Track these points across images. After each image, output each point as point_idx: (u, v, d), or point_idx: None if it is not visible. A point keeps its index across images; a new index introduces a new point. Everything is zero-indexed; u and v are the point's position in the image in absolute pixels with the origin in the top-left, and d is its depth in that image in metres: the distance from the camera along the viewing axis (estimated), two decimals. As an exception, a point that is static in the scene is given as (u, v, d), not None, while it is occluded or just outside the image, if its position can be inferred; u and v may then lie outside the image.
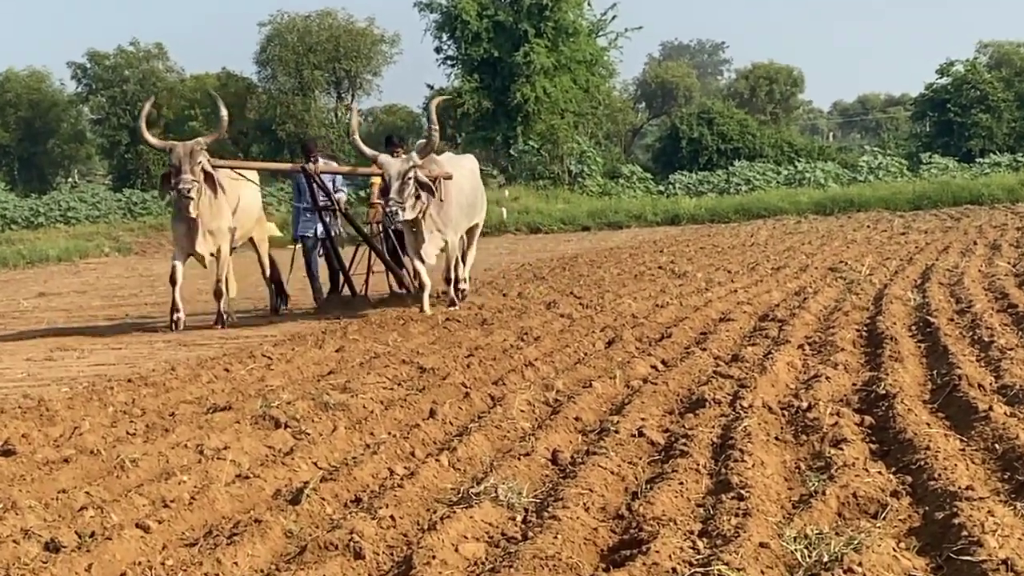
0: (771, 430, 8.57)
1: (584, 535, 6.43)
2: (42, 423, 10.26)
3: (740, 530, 6.10)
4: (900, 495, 6.82)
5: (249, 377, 12.32)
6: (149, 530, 6.85)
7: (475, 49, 56.47)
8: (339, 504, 7.41)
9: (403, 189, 16.67)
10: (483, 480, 7.50)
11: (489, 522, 6.71)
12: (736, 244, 31.17)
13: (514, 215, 46.48)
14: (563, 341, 13.87)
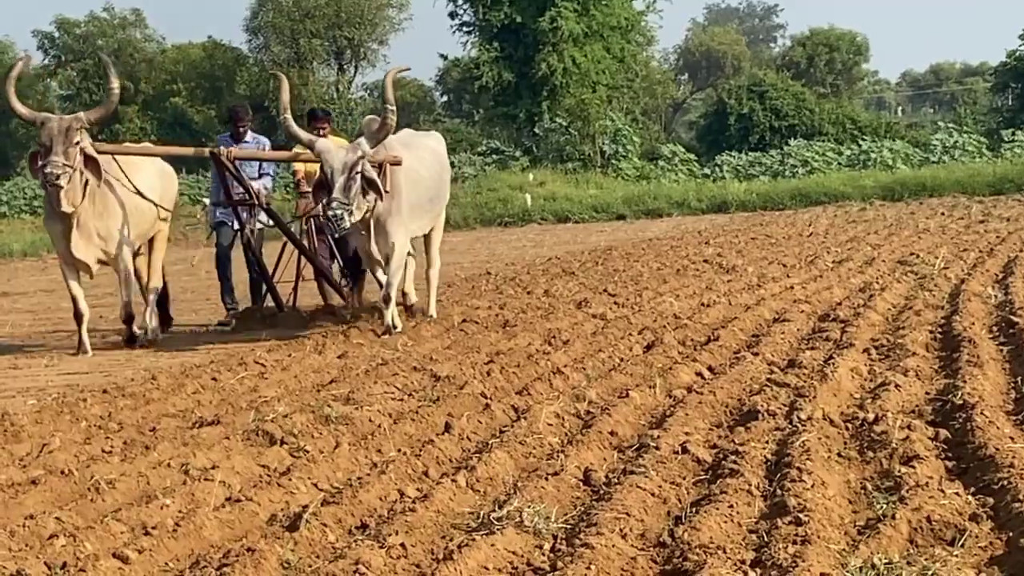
0: (833, 445, 8.57)
1: (621, 565, 6.45)
2: (6, 440, 10.30)
3: (798, 559, 6.11)
4: (980, 519, 6.82)
5: (240, 387, 12.35)
6: (128, 560, 6.87)
7: (495, 14, 56.60)
8: (343, 531, 7.43)
9: (349, 186, 14.31)
10: (506, 503, 7.51)
11: (513, 551, 6.73)
12: (792, 234, 31.17)
13: (539, 202, 46.59)
14: (596, 345, 13.88)
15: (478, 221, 45.24)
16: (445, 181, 17.25)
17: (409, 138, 16.96)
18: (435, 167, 16.74)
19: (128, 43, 71.33)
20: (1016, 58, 63.31)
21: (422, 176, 15.98)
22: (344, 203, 14.04)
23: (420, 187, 15.86)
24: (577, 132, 56.11)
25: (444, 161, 17.33)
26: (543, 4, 55.84)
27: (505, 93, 57.68)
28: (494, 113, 59.26)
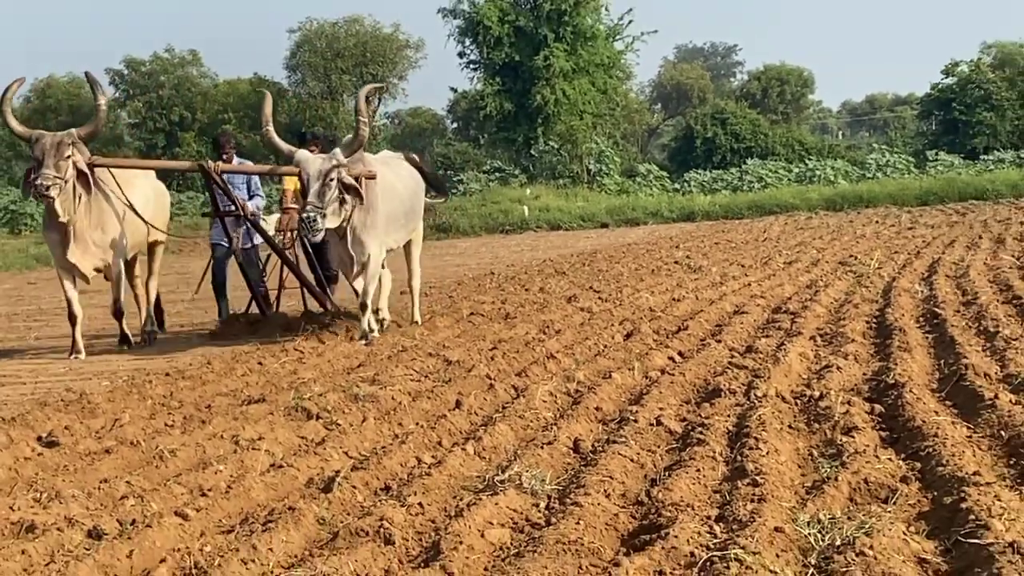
0: (784, 419, 8.56)
1: (605, 520, 6.44)
2: (84, 415, 10.29)
3: (755, 515, 6.10)
4: (909, 481, 6.82)
5: (282, 370, 12.34)
6: (187, 518, 6.86)
7: (497, 53, 56.70)
8: (369, 492, 7.42)
9: (324, 192, 13.20)
10: (507, 468, 7.50)
11: (514, 508, 6.72)
12: (749, 239, 31.18)
13: (535, 213, 46.66)
14: (583, 334, 13.88)
15: (483, 229, 45.25)
16: (420, 198, 15.93)
17: (388, 158, 15.98)
18: (411, 184, 15.46)
19: (186, 79, 71.15)
20: (938, 89, 63.53)
21: (398, 191, 14.81)
22: (318, 207, 13.09)
23: (396, 201, 14.72)
24: (567, 153, 56.27)
25: (420, 180, 15.97)
26: (538, 45, 55.94)
27: (506, 120, 57.74)
28: (496, 137, 59.27)
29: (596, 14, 57.41)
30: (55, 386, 12.50)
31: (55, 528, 6.77)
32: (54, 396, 11.45)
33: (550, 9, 55.70)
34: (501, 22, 56.36)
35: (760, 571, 5.26)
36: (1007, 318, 12.69)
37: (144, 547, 6.36)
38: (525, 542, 6.19)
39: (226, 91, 71.47)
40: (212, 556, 6.17)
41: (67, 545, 6.48)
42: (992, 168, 51.45)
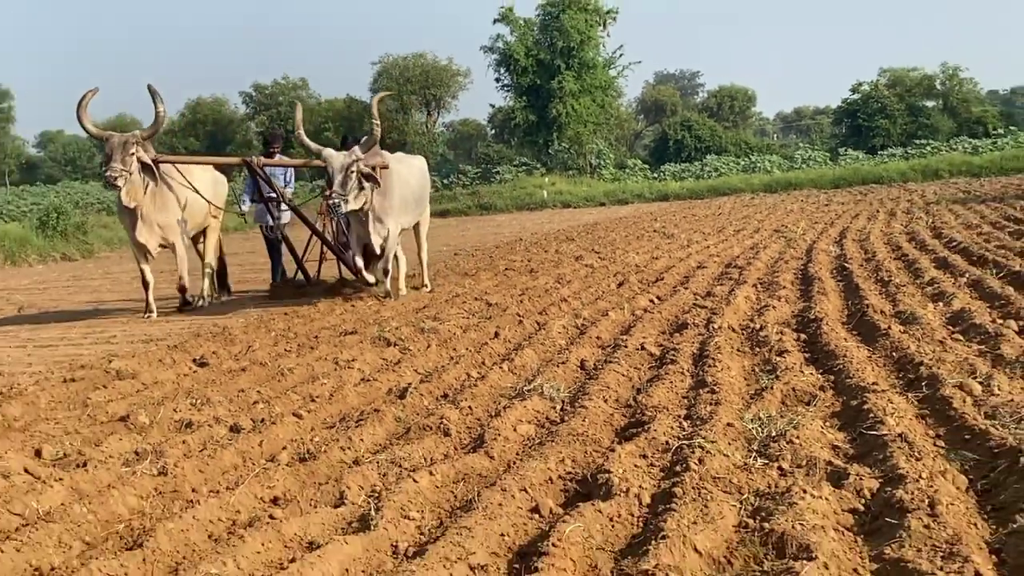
0: (734, 344, 8.56)
1: (604, 419, 6.46)
2: (226, 343, 10.35)
3: (713, 414, 6.11)
4: (825, 389, 6.81)
5: (369, 311, 12.38)
6: (301, 417, 6.91)
7: (523, 79, 56.75)
8: (432, 398, 7.45)
9: (346, 182, 12.48)
10: (532, 381, 7.53)
11: (537, 410, 6.74)
12: (708, 214, 31.05)
13: (552, 195, 46.60)
14: (587, 283, 13.87)
15: (514, 207, 45.16)
16: (425, 189, 14.94)
17: (401, 156, 14.73)
18: (419, 178, 14.52)
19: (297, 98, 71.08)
20: (847, 103, 63.25)
21: (409, 182, 13.94)
22: (341, 194, 12.39)
23: (407, 189, 13.82)
24: (575, 152, 56.19)
25: (425, 176, 14.98)
26: (553, 72, 55.87)
27: (530, 128, 57.72)
28: (523, 140, 59.15)
29: (596, 50, 57.21)
30: (204, 323, 12.56)
31: (207, 424, 6.83)
32: (204, 330, 11.50)
33: (562, 46, 55.70)
34: (526, 56, 56.44)
35: (717, 455, 5.27)
36: (897, 271, 12.65)
37: (270, 438, 6.41)
38: (545, 434, 6.22)
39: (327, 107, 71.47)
40: (319, 444, 6.21)
41: (215, 437, 6.54)
42: (886, 160, 51.18)
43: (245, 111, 73.28)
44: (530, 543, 4.50)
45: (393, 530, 4.67)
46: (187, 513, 4.92)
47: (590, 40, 56.43)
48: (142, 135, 12.95)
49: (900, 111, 61.26)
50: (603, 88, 57.85)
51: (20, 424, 7.27)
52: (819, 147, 59.53)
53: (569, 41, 55.58)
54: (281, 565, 4.34)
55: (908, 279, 11.89)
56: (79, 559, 4.55)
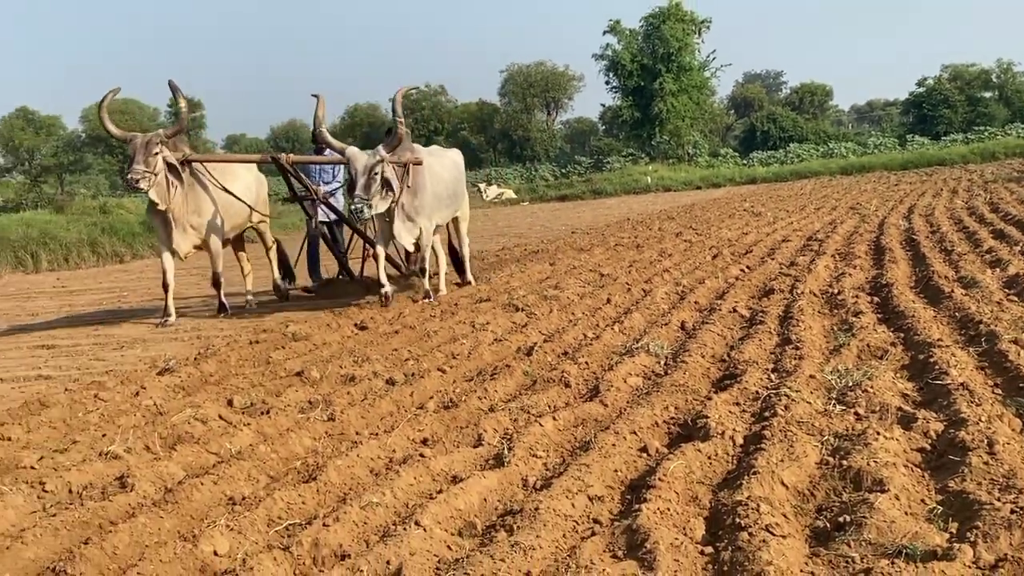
0: (815, 307, 8.43)
1: (701, 372, 6.41)
2: (382, 311, 10.50)
3: (797, 368, 6.04)
4: (896, 345, 6.67)
5: (500, 283, 12.43)
6: (445, 372, 6.98)
7: (629, 81, 56.88)
8: (555, 355, 7.47)
9: (370, 184, 10.35)
10: (639, 340, 7.50)
11: (644, 365, 6.72)
12: (791, 194, 30.54)
13: (655, 181, 46.26)
14: (686, 256, 13.75)
15: (622, 192, 44.83)
16: (461, 183, 12.43)
17: (435, 149, 12.52)
18: (453, 172, 12.13)
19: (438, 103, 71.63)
20: (914, 95, 62.34)
21: (443, 177, 11.70)
22: (364, 198, 10.24)
23: (441, 185, 11.57)
24: (674, 143, 55.89)
25: (460, 169, 12.53)
26: (655, 75, 55.66)
27: (635, 124, 57.65)
28: (630, 134, 58.96)
29: (692, 55, 56.85)
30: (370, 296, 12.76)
31: (366, 378, 6.94)
32: (366, 300, 11.60)
33: (663, 52, 55.53)
34: (632, 61, 56.44)
35: (800, 402, 5.21)
36: (959, 241, 12.33)
37: (420, 389, 6.50)
38: (651, 385, 6.20)
39: (462, 110, 71.95)
40: (460, 395, 6.27)
41: (374, 388, 6.65)
42: (949, 145, 49.98)
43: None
44: (639, 478, 4.50)
45: (523, 466, 4.71)
46: (352, 452, 5.02)
47: (687, 46, 56.25)
48: (166, 134, 11.04)
49: (961, 101, 59.97)
50: (698, 88, 57.48)
51: (215, 379, 7.49)
52: (889, 135, 58.25)
53: (669, 48, 55.45)
54: (430, 495, 4.40)
55: (968, 248, 11.57)
56: (265, 490, 4.68)
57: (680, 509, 4.01)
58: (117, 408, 6.51)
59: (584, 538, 3.81)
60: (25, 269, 22.84)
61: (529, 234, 22.81)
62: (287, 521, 4.21)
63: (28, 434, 5.99)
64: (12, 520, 4.36)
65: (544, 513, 3.93)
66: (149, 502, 4.52)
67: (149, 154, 10.73)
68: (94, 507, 4.39)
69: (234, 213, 11.83)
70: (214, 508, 4.48)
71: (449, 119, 71.28)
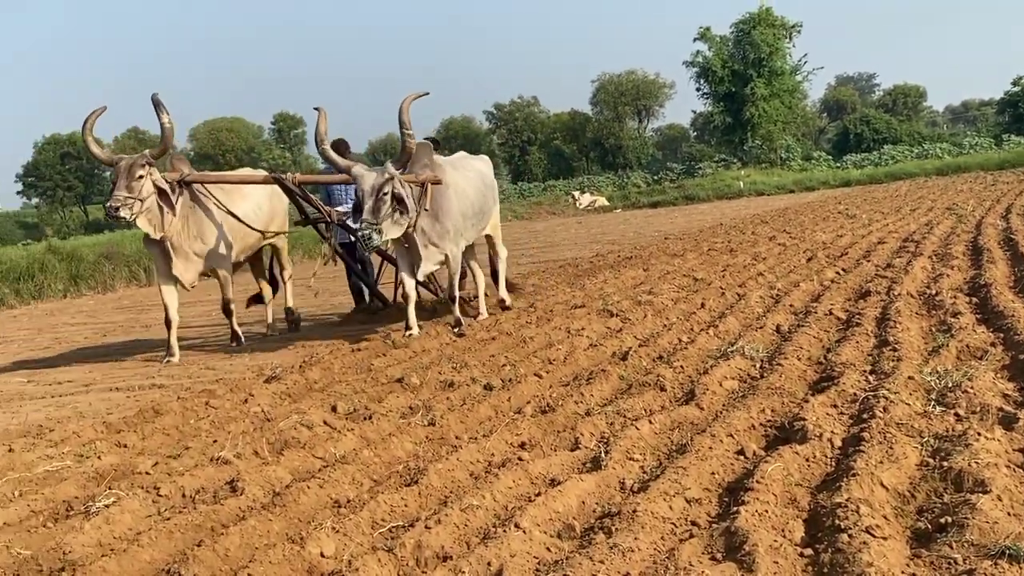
0: (913, 308, 8.24)
1: (797, 375, 6.31)
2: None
3: (895, 369, 5.91)
4: (996, 345, 6.49)
5: (594, 288, 12.40)
6: (541, 377, 6.99)
7: (720, 87, 56.61)
8: (650, 359, 7.42)
9: (378, 207, 8.85)
10: (735, 343, 7.41)
11: (739, 368, 6.64)
12: (886, 196, 29.93)
13: (748, 185, 45.77)
14: (781, 259, 13.56)
15: (714, 197, 44.44)
16: (489, 196, 10.89)
17: (459, 160, 10.93)
18: (479, 184, 10.59)
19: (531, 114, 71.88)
20: (1009, 95, 60.68)
21: (467, 194, 10.18)
22: (372, 223, 8.77)
23: (466, 202, 10.12)
24: (767, 147, 55.33)
25: (488, 179, 11.00)
26: (747, 80, 55.25)
27: (727, 129, 57.31)
28: (721, 140, 58.64)
29: (783, 59, 56.29)
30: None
31: (465, 384, 6.98)
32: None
33: (754, 57, 55.10)
34: (723, 67, 56.13)
35: (899, 404, 5.10)
36: (1061, 240, 11.98)
37: (516, 394, 6.51)
38: (747, 388, 6.12)
39: (554, 120, 72.11)
40: (556, 399, 6.27)
41: (472, 394, 6.68)
42: (1045, 144, 48.89)
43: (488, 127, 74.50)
44: (736, 480, 4.45)
45: (620, 469, 4.69)
46: (452, 456, 5.05)
47: (778, 51, 55.79)
48: (152, 154, 9.73)
49: (1057, 102, 58.31)
50: (790, 92, 56.94)
51: (319, 385, 7.61)
52: (985, 134, 56.86)
53: (759, 53, 55.04)
54: (529, 498, 4.41)
55: (1072, 247, 11.21)
56: (368, 493, 4.73)
57: (778, 511, 3.95)
58: (227, 415, 6.67)
59: (682, 540, 3.78)
60: (139, 282, 23.51)
61: (622, 240, 22.74)
62: (390, 523, 4.25)
63: (143, 441, 6.17)
64: (129, 523, 4.48)
65: (642, 515, 3.91)
66: (258, 505, 4.61)
67: (133, 178, 9.51)
68: (206, 510, 4.48)
69: (245, 234, 10.73)
70: (320, 511, 4.55)
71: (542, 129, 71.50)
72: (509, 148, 71.37)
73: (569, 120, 71.71)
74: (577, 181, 58.72)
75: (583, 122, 70.90)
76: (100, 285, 22.78)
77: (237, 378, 8.24)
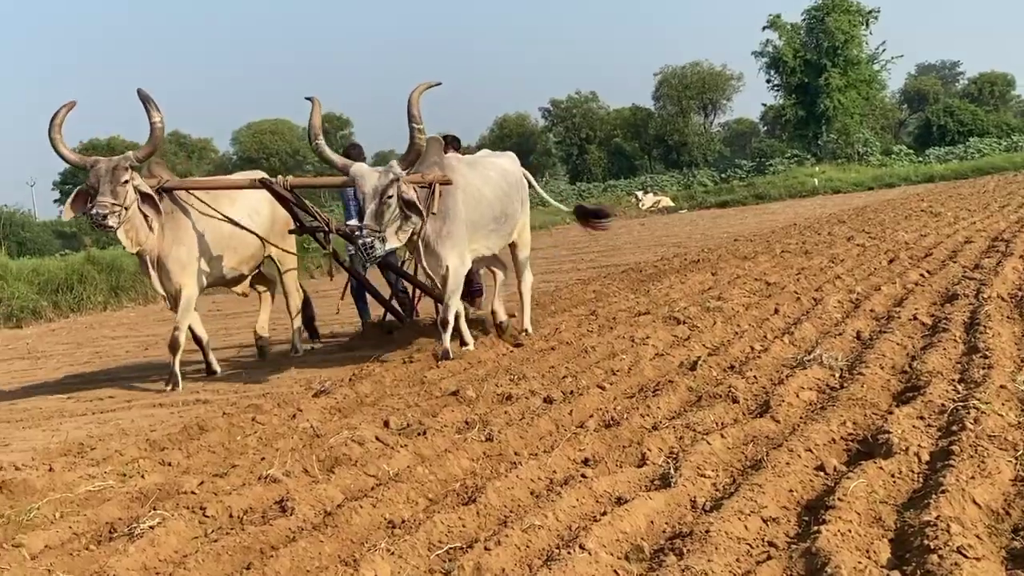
0: (1004, 312, 8.11)
1: (880, 384, 6.24)
2: (536, 327, 10.54)
3: (986, 377, 5.83)
4: (1097, 352, 6.38)
5: (660, 294, 12.35)
6: (605, 389, 6.97)
7: (792, 78, 56.25)
8: (720, 369, 7.38)
9: (381, 211, 8.13)
10: (811, 351, 7.35)
11: (817, 378, 6.58)
12: (973, 192, 29.50)
13: (823, 183, 45.31)
14: (859, 261, 13.41)
15: (787, 195, 43.96)
16: (514, 198, 9.84)
17: (477, 158, 10.16)
18: (501, 185, 9.63)
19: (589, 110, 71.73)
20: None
21: (484, 195, 9.32)
22: (375, 230, 8.06)
23: (483, 206, 9.27)
24: (843, 142, 54.84)
25: (514, 179, 9.96)
26: (820, 70, 54.84)
27: (800, 123, 56.88)
28: (794, 135, 58.11)
29: (859, 47, 55.81)
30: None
31: (523, 397, 6.98)
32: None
33: (828, 46, 54.72)
34: (794, 57, 55.76)
35: (991, 415, 5.02)
36: None
37: (579, 407, 6.50)
38: (826, 399, 6.07)
39: (614, 116, 71.92)
40: (621, 412, 6.25)
41: (531, 407, 6.68)
42: None
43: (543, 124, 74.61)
44: (816, 498, 4.41)
45: (691, 487, 4.67)
46: (511, 473, 5.06)
47: (854, 39, 55.30)
48: (136, 156, 9.04)
49: None
50: (867, 82, 56.41)
51: (370, 399, 7.67)
52: (1078, 126, 55.94)
53: (834, 41, 54.66)
54: (594, 517, 4.40)
55: None
56: (424, 513, 4.75)
57: (862, 531, 3.91)
58: (275, 431, 6.74)
59: (759, 562, 3.76)
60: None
61: (688, 243, 22.61)
62: (447, 545, 4.26)
63: (188, 459, 6.25)
64: (175, 546, 4.54)
65: (715, 536, 3.89)
66: (309, 526, 4.65)
67: (117, 183, 8.83)
68: (255, 531, 4.53)
69: (239, 244, 9.95)
70: (374, 532, 4.57)
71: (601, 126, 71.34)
72: (566, 146, 71.26)
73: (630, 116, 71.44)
74: (639, 180, 58.50)
75: (645, 118, 70.63)
76: (141, 297, 23.10)
77: (284, 393, 8.32)
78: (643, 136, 69.87)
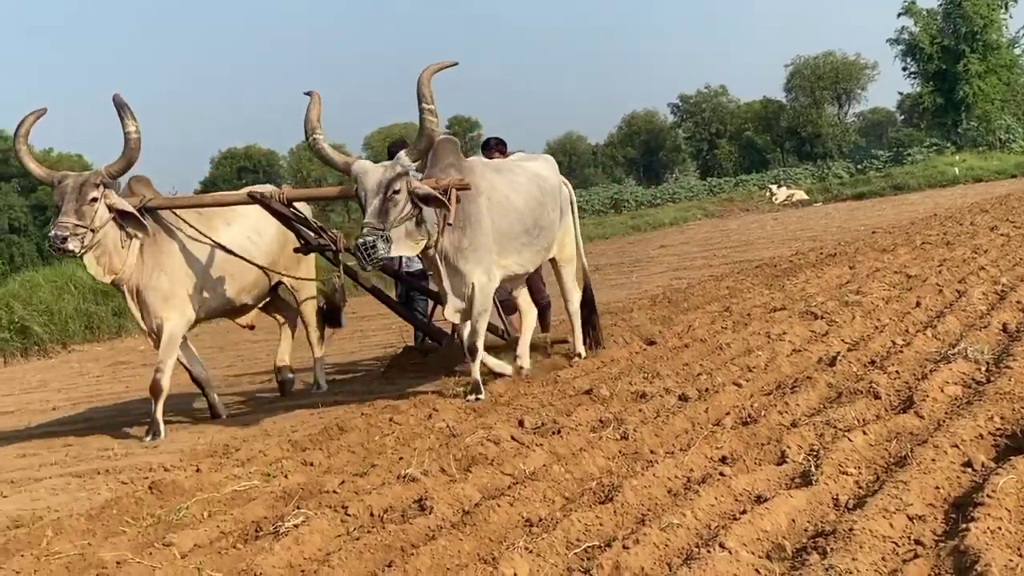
0: None
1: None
2: (668, 325, 10.45)
3: None
4: None
5: (795, 289, 12.14)
6: (741, 386, 6.90)
7: (929, 65, 55.01)
8: (860, 365, 7.22)
9: (385, 208, 7.01)
10: (956, 345, 7.13)
11: (962, 372, 6.39)
12: None
13: (964, 172, 44.04)
14: (1005, 252, 12.98)
15: (926, 185, 42.73)
16: (549, 207, 8.50)
17: (504, 161, 8.87)
18: (533, 192, 8.29)
19: (719, 105, 71.05)
20: None
21: (513, 203, 8.05)
22: (377, 228, 6.92)
23: (511, 216, 8.01)
24: (983, 129, 53.23)
25: (549, 186, 8.60)
26: (958, 56, 53.44)
27: (938, 111, 55.50)
28: (932, 123, 56.71)
29: (999, 31, 54.27)
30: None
31: (658, 395, 6.95)
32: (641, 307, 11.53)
33: (966, 31, 53.33)
34: (931, 44, 54.47)
35: None
36: None
37: (715, 405, 6.45)
38: (972, 394, 5.90)
39: (745, 110, 71.16)
40: (759, 409, 6.17)
41: (666, 405, 6.65)
42: None
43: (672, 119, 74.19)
44: (964, 495, 4.29)
45: (832, 484, 4.59)
46: (647, 471, 5.04)
47: (993, 23, 53.91)
48: (109, 171, 7.82)
49: None
50: (1008, 67, 54.93)
51: (504, 399, 7.72)
52: None
53: (972, 26, 53.31)
54: (733, 516, 4.36)
55: None
56: (561, 511, 4.77)
57: (1013, 528, 3.80)
58: (412, 431, 6.85)
59: (906, 561, 3.68)
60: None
61: (824, 236, 22.18)
62: (585, 543, 4.27)
63: (329, 459, 6.39)
64: (319, 544, 4.65)
65: (859, 534, 3.82)
66: (448, 524, 4.71)
67: (84, 201, 7.68)
68: (395, 530, 4.61)
69: (237, 270, 8.68)
70: (511, 530, 4.61)
71: (732, 120, 70.63)
72: (696, 142, 70.80)
73: (761, 109, 70.56)
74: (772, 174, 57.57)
75: (776, 110, 69.65)
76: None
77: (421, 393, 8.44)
78: (775, 129, 68.96)
